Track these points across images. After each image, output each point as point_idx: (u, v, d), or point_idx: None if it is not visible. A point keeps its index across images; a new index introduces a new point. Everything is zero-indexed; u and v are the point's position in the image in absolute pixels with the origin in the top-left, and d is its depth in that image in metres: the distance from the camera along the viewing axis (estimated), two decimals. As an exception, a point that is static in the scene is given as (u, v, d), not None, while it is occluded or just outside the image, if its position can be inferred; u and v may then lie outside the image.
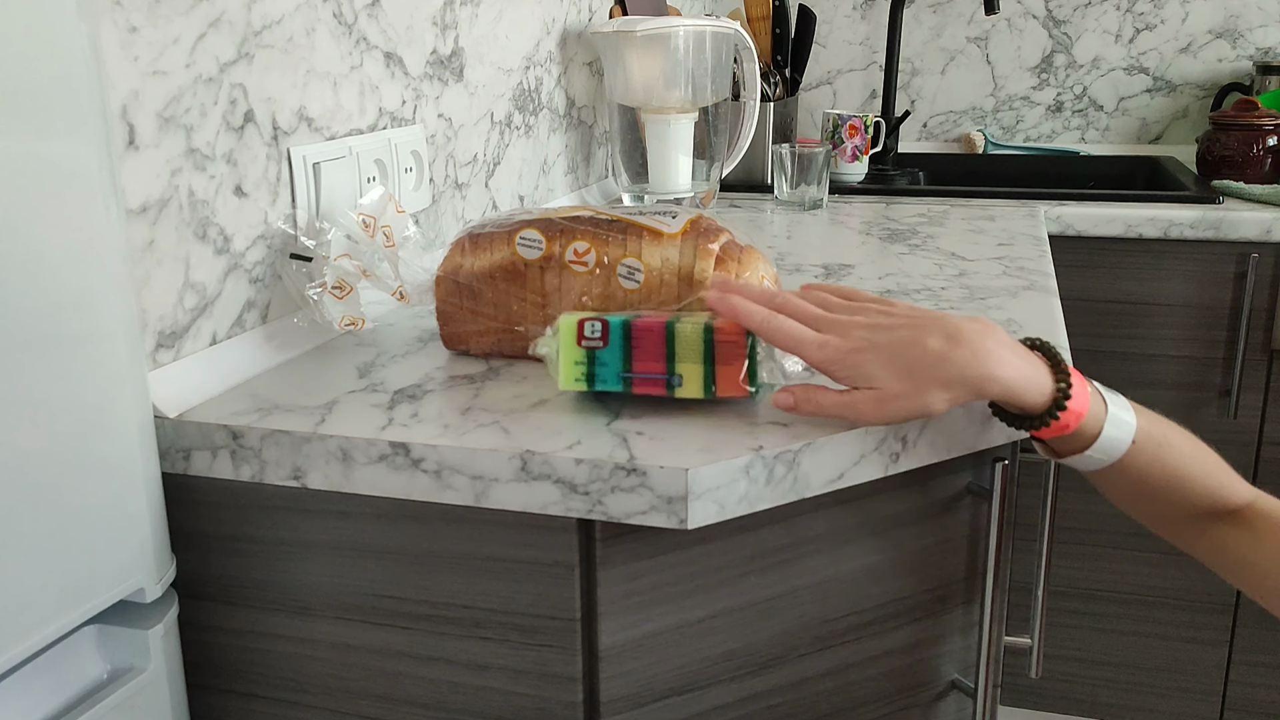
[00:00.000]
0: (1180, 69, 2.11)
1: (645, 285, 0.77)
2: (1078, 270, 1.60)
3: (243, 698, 0.77)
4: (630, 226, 0.78)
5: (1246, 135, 1.73)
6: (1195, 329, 1.59)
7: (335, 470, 0.68)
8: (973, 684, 0.82)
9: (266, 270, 0.85)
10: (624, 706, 0.70)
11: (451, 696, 0.72)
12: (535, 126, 1.36)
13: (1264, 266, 1.55)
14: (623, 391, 0.70)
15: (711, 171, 1.53)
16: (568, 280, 0.78)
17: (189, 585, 0.75)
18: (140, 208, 0.71)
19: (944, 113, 2.25)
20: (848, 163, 1.84)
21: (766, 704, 0.75)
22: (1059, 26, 2.15)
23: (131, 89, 0.70)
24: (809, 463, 0.66)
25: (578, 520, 0.66)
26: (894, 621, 0.79)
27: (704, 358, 0.68)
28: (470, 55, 1.16)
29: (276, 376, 0.80)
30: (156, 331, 0.74)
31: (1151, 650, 1.70)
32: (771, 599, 0.73)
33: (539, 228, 0.79)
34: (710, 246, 0.77)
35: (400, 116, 1.03)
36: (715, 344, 0.68)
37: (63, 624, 0.59)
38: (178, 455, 0.71)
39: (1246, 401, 1.59)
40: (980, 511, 0.80)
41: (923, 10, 2.21)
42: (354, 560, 0.71)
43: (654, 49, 1.38)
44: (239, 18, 0.79)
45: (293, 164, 0.86)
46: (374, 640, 0.73)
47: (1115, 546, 1.68)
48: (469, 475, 0.65)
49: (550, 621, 0.68)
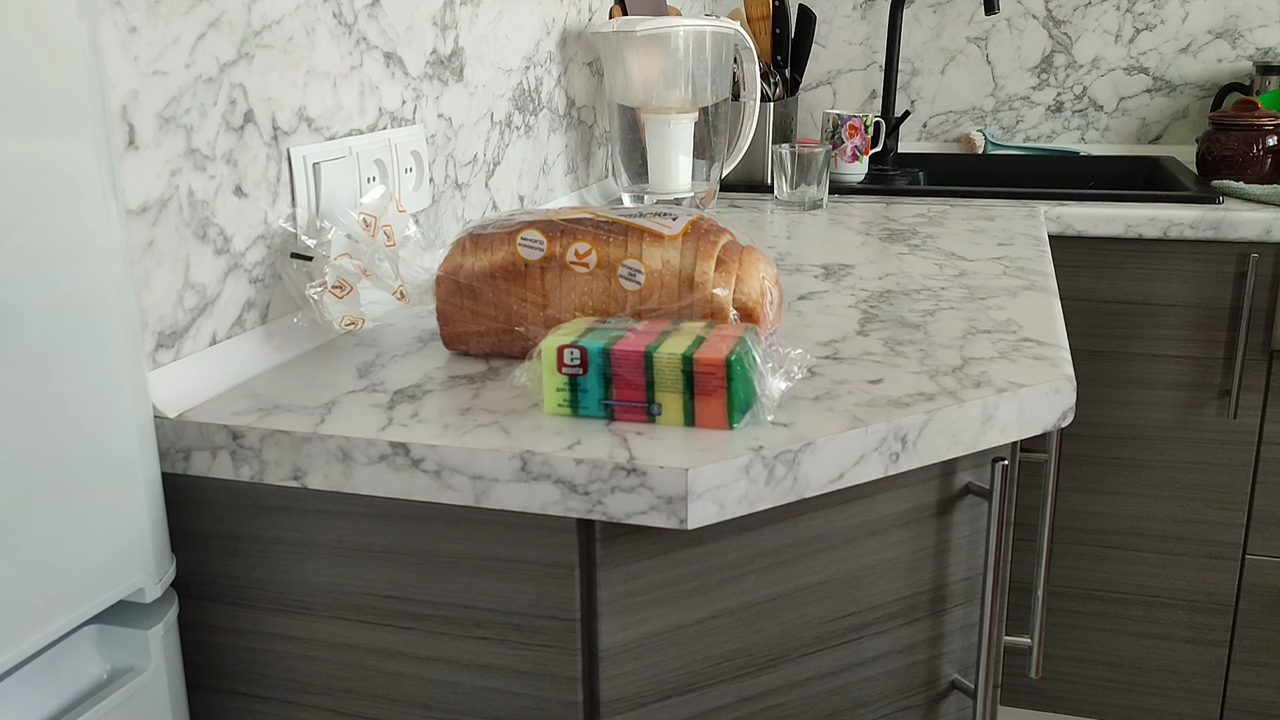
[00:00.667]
0: (1180, 69, 2.11)
1: (646, 286, 0.77)
2: (1078, 270, 1.60)
3: (243, 698, 0.77)
4: (631, 229, 0.78)
5: (1246, 135, 1.73)
6: (1195, 329, 1.59)
7: (335, 470, 0.68)
8: (973, 684, 0.82)
9: (266, 270, 0.85)
10: (624, 706, 0.70)
11: (451, 696, 0.72)
12: (535, 126, 1.36)
13: (1264, 266, 1.55)
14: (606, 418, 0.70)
15: (711, 171, 1.53)
16: (568, 281, 0.78)
17: (189, 585, 0.76)
18: (140, 208, 0.71)
19: (944, 113, 2.25)
20: (848, 163, 1.84)
21: (767, 704, 0.75)
22: (1059, 26, 2.15)
23: (131, 89, 0.70)
24: (809, 463, 0.66)
25: (578, 520, 0.66)
26: (894, 621, 0.79)
27: (683, 388, 0.67)
28: (470, 55, 1.16)
29: (276, 376, 0.80)
30: (156, 331, 0.74)
31: (1151, 650, 1.70)
32: (771, 599, 0.73)
33: (540, 228, 0.79)
34: (710, 249, 0.77)
35: (400, 116, 1.03)
36: (694, 375, 0.66)
37: (63, 624, 0.59)
38: (178, 455, 0.71)
39: (1246, 401, 1.59)
40: (980, 511, 0.81)
41: (923, 10, 2.21)
42: (354, 560, 0.71)
43: (654, 49, 1.38)
44: (239, 18, 0.79)
45: (293, 164, 0.86)
46: (374, 640, 0.73)
47: (1115, 546, 1.68)
48: (469, 475, 0.65)
49: (550, 621, 0.68)
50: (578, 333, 0.70)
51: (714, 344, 0.67)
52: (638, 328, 0.71)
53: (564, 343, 0.69)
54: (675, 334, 0.70)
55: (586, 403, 0.69)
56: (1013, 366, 0.79)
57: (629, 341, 0.68)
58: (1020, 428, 0.75)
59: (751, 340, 0.68)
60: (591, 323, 0.74)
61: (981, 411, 0.73)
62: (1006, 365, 0.79)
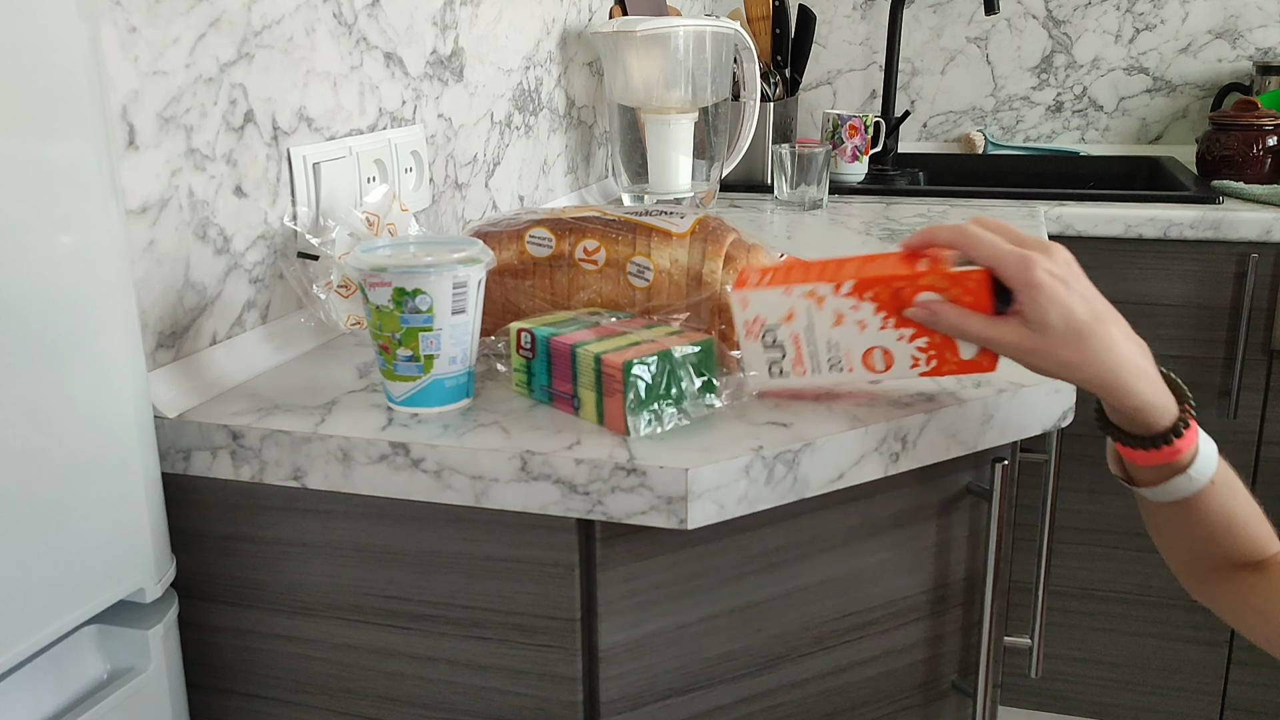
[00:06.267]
0: (1180, 69, 2.11)
1: (654, 284, 0.77)
2: (1078, 270, 1.60)
3: (243, 698, 0.77)
4: (640, 226, 0.78)
5: (1246, 135, 1.73)
6: (1195, 329, 1.59)
7: (335, 470, 0.68)
8: (972, 684, 0.82)
9: (266, 270, 0.85)
10: (624, 706, 0.70)
11: (451, 696, 0.72)
12: (535, 126, 1.36)
13: (1264, 266, 1.55)
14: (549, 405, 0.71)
15: (711, 171, 1.53)
16: (577, 279, 0.79)
17: (189, 585, 0.76)
18: (140, 208, 0.71)
19: (944, 113, 2.25)
20: (848, 163, 1.84)
21: (766, 704, 0.75)
22: (1059, 26, 2.15)
23: (131, 89, 0.70)
24: (809, 463, 0.66)
25: (578, 520, 0.66)
26: (894, 621, 0.79)
27: (595, 385, 0.67)
28: (470, 55, 1.16)
29: (276, 376, 0.80)
30: (156, 331, 0.74)
31: (1151, 650, 1.70)
32: (771, 599, 0.73)
33: (549, 226, 0.79)
34: (719, 247, 0.77)
35: (400, 116, 1.03)
36: (601, 374, 0.66)
37: (63, 624, 0.59)
38: (178, 455, 0.71)
39: (1246, 401, 1.59)
40: (980, 511, 0.81)
41: (923, 10, 2.21)
42: (354, 560, 0.71)
43: (654, 49, 1.38)
44: (239, 18, 0.79)
45: (292, 164, 0.86)
46: (374, 640, 0.73)
47: (1115, 546, 1.68)
48: (469, 475, 0.65)
49: (550, 621, 0.68)
50: (547, 321, 0.73)
51: (645, 348, 0.66)
52: (613, 324, 0.72)
53: (524, 326, 0.72)
54: (635, 334, 0.69)
55: (535, 386, 0.72)
56: (1013, 366, 0.79)
57: (572, 335, 0.69)
58: (1020, 428, 0.75)
59: (685, 353, 0.67)
60: (577, 314, 0.75)
61: (981, 411, 0.73)
62: (1007, 365, 0.79)
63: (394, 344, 0.68)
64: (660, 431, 0.66)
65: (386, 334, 0.68)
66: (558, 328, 0.71)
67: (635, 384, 0.64)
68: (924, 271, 0.65)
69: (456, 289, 0.67)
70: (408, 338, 0.67)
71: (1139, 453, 0.68)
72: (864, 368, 0.69)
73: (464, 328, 0.69)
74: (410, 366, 0.68)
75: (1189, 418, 0.67)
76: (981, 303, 0.64)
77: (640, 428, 0.66)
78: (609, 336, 0.69)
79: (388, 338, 0.68)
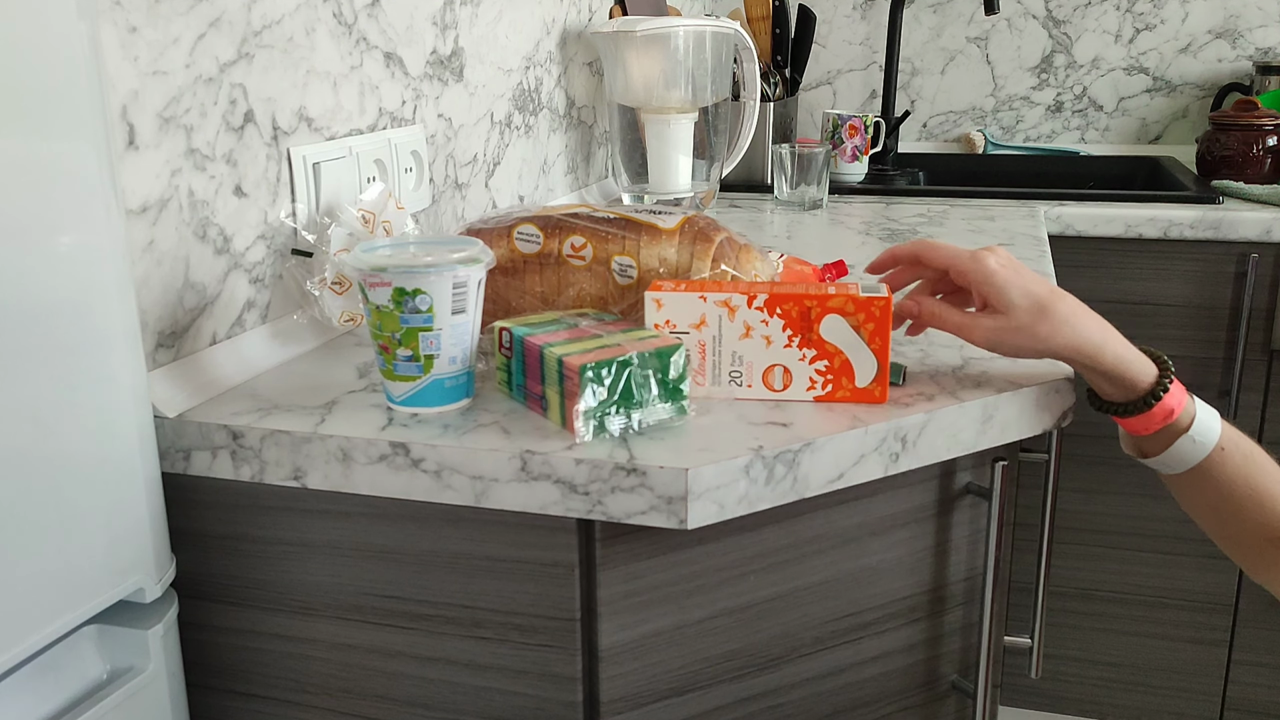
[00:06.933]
0: (1180, 69, 2.10)
1: (640, 281, 0.77)
2: (1078, 270, 1.60)
3: (243, 698, 0.77)
4: (628, 223, 0.79)
5: (1246, 135, 1.73)
6: (1195, 329, 1.59)
7: (335, 470, 0.68)
8: (972, 684, 0.82)
9: (266, 270, 0.85)
10: (624, 706, 0.70)
11: (451, 696, 0.72)
12: (535, 126, 1.36)
13: (1264, 266, 1.55)
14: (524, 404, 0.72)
15: (711, 171, 1.53)
16: (565, 275, 0.79)
17: (189, 585, 0.75)
18: (140, 208, 0.71)
19: (944, 113, 2.25)
20: (847, 163, 1.84)
21: (767, 704, 0.75)
22: (1059, 26, 2.15)
23: (131, 89, 0.70)
24: (809, 463, 0.66)
25: (578, 520, 0.66)
26: (894, 621, 0.79)
27: (559, 386, 0.66)
28: (470, 55, 1.16)
29: (276, 376, 0.80)
30: (156, 331, 0.74)
31: (1151, 650, 1.70)
32: (771, 599, 0.73)
33: (537, 223, 0.80)
34: (707, 248, 0.78)
35: (400, 116, 1.03)
36: (562, 375, 0.65)
37: (63, 624, 0.59)
38: (178, 455, 0.71)
39: (1246, 401, 1.59)
40: (980, 511, 0.81)
41: (923, 10, 2.21)
42: (354, 560, 0.71)
43: (654, 49, 1.38)
44: (239, 18, 0.79)
45: (292, 164, 0.86)
46: (374, 640, 0.73)
47: (1115, 546, 1.68)
48: (469, 475, 0.65)
49: (550, 621, 0.68)
50: (528, 321, 0.73)
51: (610, 351, 0.66)
52: (592, 326, 0.72)
53: (505, 325, 0.72)
54: (608, 337, 0.69)
55: (513, 385, 0.73)
56: (1013, 366, 0.79)
57: (545, 336, 0.69)
58: (1020, 428, 0.75)
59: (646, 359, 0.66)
60: (563, 315, 0.75)
61: (981, 411, 0.73)
62: (1006, 365, 0.79)
63: (394, 344, 0.68)
64: (610, 438, 0.65)
65: (386, 334, 0.68)
66: (536, 328, 0.71)
67: (589, 387, 0.64)
68: (833, 294, 0.70)
69: (456, 289, 0.67)
70: (408, 338, 0.67)
71: (1134, 420, 0.73)
72: (763, 384, 0.72)
73: (464, 328, 0.69)
74: (410, 366, 0.68)
75: (1170, 375, 0.72)
76: (883, 327, 0.70)
77: (588, 432, 0.65)
78: (581, 339, 0.68)
79: (387, 338, 0.68)
